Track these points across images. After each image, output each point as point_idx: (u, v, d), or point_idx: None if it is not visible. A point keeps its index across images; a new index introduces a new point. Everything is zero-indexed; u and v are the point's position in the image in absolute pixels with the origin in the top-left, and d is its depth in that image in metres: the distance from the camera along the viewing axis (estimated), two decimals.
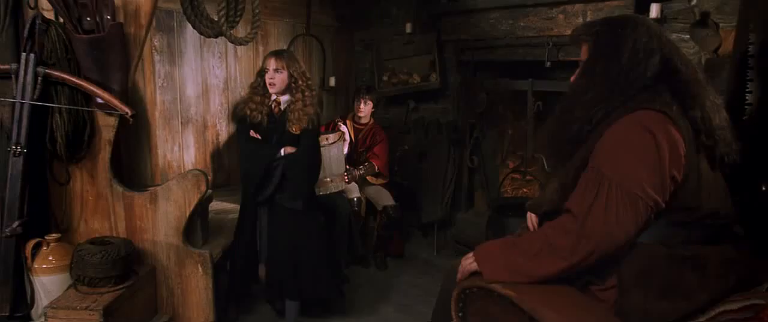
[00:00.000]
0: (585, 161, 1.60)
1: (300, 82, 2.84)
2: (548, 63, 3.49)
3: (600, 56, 1.65)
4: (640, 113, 1.54)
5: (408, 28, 4.36)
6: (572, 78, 1.78)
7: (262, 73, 2.87)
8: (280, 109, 2.90)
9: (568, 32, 3.23)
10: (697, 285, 1.50)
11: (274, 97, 2.89)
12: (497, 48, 3.88)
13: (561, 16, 3.42)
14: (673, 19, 3.00)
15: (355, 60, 4.94)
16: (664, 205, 1.50)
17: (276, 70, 2.79)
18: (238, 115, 3.04)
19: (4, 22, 2.36)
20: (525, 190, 4.37)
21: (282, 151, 2.84)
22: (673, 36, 2.90)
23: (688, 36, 2.90)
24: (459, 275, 1.79)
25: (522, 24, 3.62)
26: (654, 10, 2.94)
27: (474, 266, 1.74)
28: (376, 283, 3.76)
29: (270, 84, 2.81)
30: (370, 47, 4.73)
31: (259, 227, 2.95)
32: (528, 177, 4.13)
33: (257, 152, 2.88)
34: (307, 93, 2.85)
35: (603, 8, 3.19)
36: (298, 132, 2.85)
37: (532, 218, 2.01)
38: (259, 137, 2.89)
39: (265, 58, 2.88)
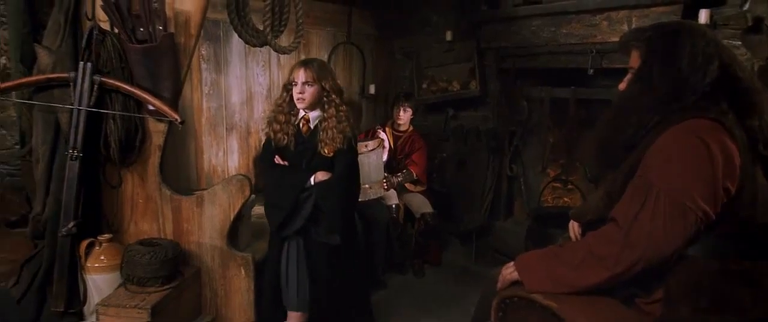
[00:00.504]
0: (634, 169, 1.57)
1: (333, 96, 2.49)
2: (591, 70, 3.43)
3: (656, 61, 1.60)
4: (693, 121, 1.50)
5: (448, 36, 4.36)
6: (622, 85, 1.74)
7: (288, 86, 2.52)
8: (309, 127, 2.55)
9: (613, 39, 3.20)
10: (750, 301, 1.45)
11: (302, 113, 2.55)
12: (539, 55, 3.84)
13: (605, 23, 3.36)
14: (723, 25, 2.90)
15: (395, 68, 4.97)
16: (715, 217, 1.46)
17: (306, 83, 2.44)
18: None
19: (64, 32, 2.49)
20: (566, 199, 4.29)
21: (312, 179, 2.48)
22: (724, 43, 2.81)
23: (740, 43, 2.80)
24: (499, 284, 1.78)
25: (564, 31, 3.58)
26: (703, 16, 2.86)
27: (515, 275, 1.72)
28: (414, 290, 3.76)
29: (299, 99, 2.46)
30: (409, 55, 4.76)
31: (285, 265, 2.59)
32: (569, 186, 4.06)
33: (283, 181, 2.51)
34: (341, 108, 2.50)
35: (649, 14, 3.12)
36: (331, 154, 2.48)
37: (574, 227, 1.98)
38: (286, 163, 2.55)
39: (292, 70, 2.51)
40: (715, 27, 2.89)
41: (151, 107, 2.48)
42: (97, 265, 2.49)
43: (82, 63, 2.39)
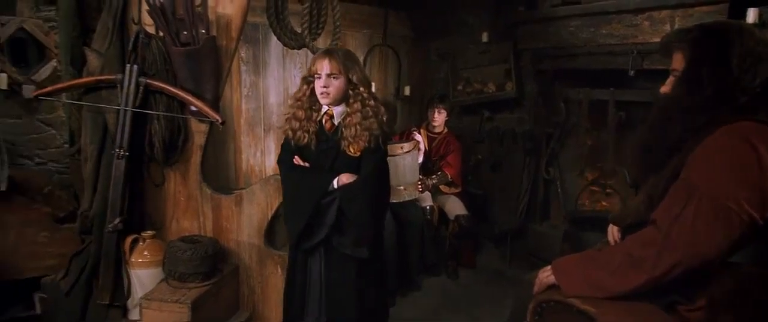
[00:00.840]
0: (677, 172, 1.53)
1: (360, 89, 2.18)
2: (632, 72, 3.35)
3: (705, 62, 1.56)
4: (741, 124, 1.45)
5: (484, 37, 4.34)
6: (664, 87, 1.70)
7: (309, 79, 2.21)
8: (333, 124, 2.25)
9: (654, 40, 3.12)
10: None
11: (325, 108, 2.24)
12: (577, 56, 3.78)
13: (646, 23, 3.28)
14: None
15: (430, 70, 4.97)
16: (762, 222, 1.41)
17: (331, 76, 2.14)
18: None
19: (111, 36, 2.59)
20: (604, 203, 4.20)
21: (336, 182, 2.18)
22: None
23: None
24: (536, 288, 1.76)
25: (604, 31, 3.50)
26: (752, 15, 2.75)
27: (551, 279, 1.71)
28: (448, 292, 3.75)
29: (323, 93, 2.16)
30: (445, 57, 4.76)
31: (309, 279, 2.33)
32: (608, 190, 3.97)
33: (303, 184, 2.24)
34: (369, 102, 2.19)
35: (693, 14, 3.03)
36: (358, 153, 2.19)
37: (613, 231, 1.94)
38: (306, 165, 2.26)
39: (314, 60, 2.20)
40: (763, 26, 2.79)
41: (193, 108, 2.56)
42: (140, 260, 2.59)
43: (128, 65, 2.48)
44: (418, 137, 3.88)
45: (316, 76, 2.17)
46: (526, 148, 4.24)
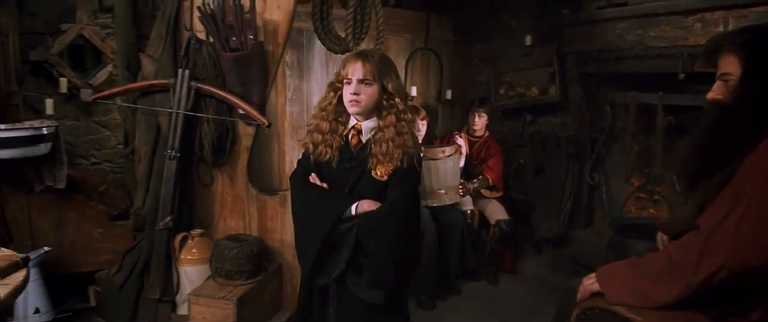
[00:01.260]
0: (728, 179, 1.49)
1: (395, 100, 1.86)
2: (682, 75, 3.25)
3: (764, 66, 1.51)
4: None
5: (527, 40, 4.29)
6: (713, 93, 1.64)
7: (337, 85, 1.90)
8: (360, 140, 1.92)
9: None
10: None
11: (353, 121, 1.92)
12: (624, 59, 3.69)
13: (698, 25, 3.17)
14: None
15: (472, 73, 4.95)
16: None
17: (363, 82, 1.83)
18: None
19: (165, 42, 2.71)
20: (651, 210, 4.08)
21: (353, 208, 1.84)
22: None
23: None
24: (580, 295, 1.74)
25: (652, 34, 3.41)
26: None
27: (596, 286, 1.68)
28: (488, 297, 3.72)
29: (352, 101, 1.84)
30: (487, 60, 4.73)
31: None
32: (655, 197, 3.86)
33: (316, 207, 1.90)
34: (404, 116, 1.87)
35: (748, 15, 2.92)
36: (385, 177, 1.85)
37: (662, 239, 1.89)
38: (324, 186, 1.93)
39: (344, 63, 1.89)
40: None
41: (241, 111, 2.64)
42: (189, 257, 2.68)
43: (180, 70, 2.59)
44: (460, 141, 3.86)
45: (345, 81, 1.85)
46: (569, 153, 4.17)
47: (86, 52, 3.75)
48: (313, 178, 1.94)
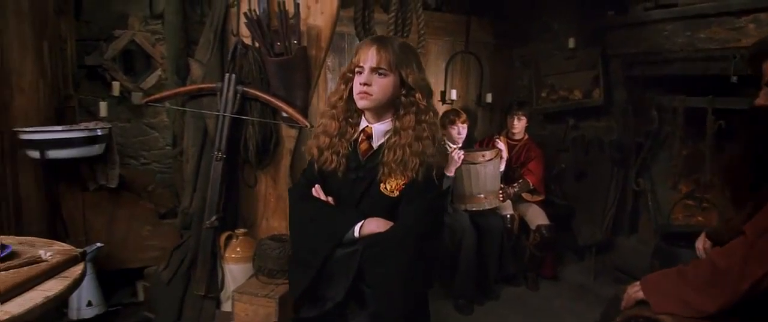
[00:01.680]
0: None
1: (416, 96, 1.55)
2: (734, 78, 3.14)
3: None
4: None
5: (570, 43, 4.23)
6: (761, 100, 1.58)
7: (347, 76, 1.60)
8: (370, 145, 1.61)
9: None
10: None
11: (363, 123, 1.62)
12: (671, 62, 3.58)
13: (751, 26, 3.06)
14: None
15: (513, 76, 4.90)
16: None
17: (376, 71, 1.52)
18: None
19: (212, 47, 2.80)
20: (699, 218, 3.94)
21: (356, 230, 1.54)
22: None
23: None
24: (624, 303, 1.71)
25: (702, 35, 3.31)
26: None
27: (640, 294, 1.65)
28: (527, 303, 3.67)
29: (361, 94, 1.53)
30: (528, 63, 4.68)
31: None
32: (704, 204, 3.73)
33: (315, 224, 1.60)
34: (426, 117, 1.55)
35: None
36: (396, 193, 1.55)
37: (704, 246, 1.82)
38: (328, 200, 1.63)
39: (357, 50, 1.59)
40: None
41: (284, 114, 2.70)
42: (233, 256, 2.76)
43: (227, 74, 2.67)
44: (501, 145, 3.82)
45: (356, 69, 1.54)
46: (613, 158, 4.08)
47: (137, 57, 3.91)
48: (317, 190, 1.63)
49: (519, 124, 4.01)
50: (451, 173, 3.44)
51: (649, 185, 3.95)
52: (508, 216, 3.80)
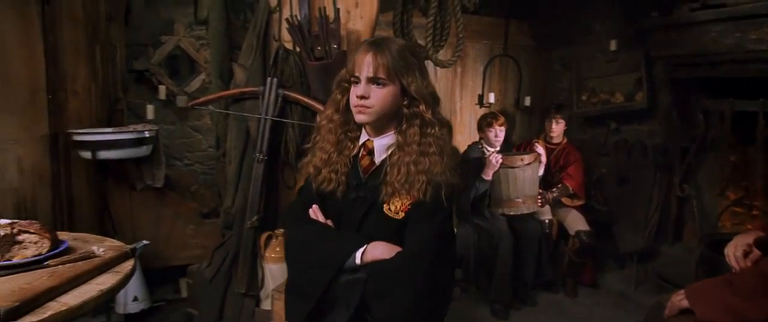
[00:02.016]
0: None
1: (420, 107, 1.38)
2: None
3: None
4: None
5: (612, 45, 4.14)
6: None
7: (343, 84, 1.44)
8: (372, 162, 1.45)
9: None
10: None
11: (364, 137, 1.46)
12: (719, 64, 3.47)
13: None
14: None
15: (552, 79, 4.84)
16: None
17: (374, 81, 1.35)
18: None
19: (255, 52, 2.87)
20: (749, 226, 3.79)
21: (359, 255, 1.37)
22: None
23: None
24: (668, 311, 1.68)
25: (753, 37, 3.19)
26: None
27: (685, 303, 1.62)
28: (565, 311, 3.61)
29: (358, 107, 1.37)
30: (568, 66, 4.61)
31: None
32: (754, 212, 3.59)
33: (313, 251, 1.43)
34: (432, 130, 1.39)
35: None
36: (401, 215, 1.38)
37: (735, 252, 1.74)
38: (327, 222, 1.47)
39: (353, 57, 1.41)
40: None
41: None
42: (273, 255, 2.82)
43: (269, 78, 2.73)
44: (540, 150, 3.76)
45: (352, 79, 1.38)
46: (657, 163, 3.97)
47: (182, 62, 4.04)
48: (315, 211, 1.48)
49: (557, 128, 3.95)
50: (488, 176, 3.44)
51: (694, 191, 3.83)
52: (547, 221, 3.75)
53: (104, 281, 1.39)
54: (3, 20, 2.67)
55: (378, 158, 1.43)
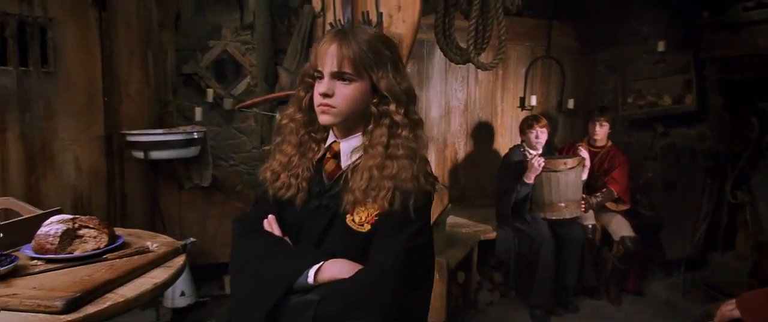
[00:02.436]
0: None
1: (391, 106, 1.19)
2: None
3: None
4: None
5: (660, 46, 4.03)
6: None
7: (306, 80, 1.25)
8: (338, 166, 1.25)
9: None
10: None
11: (331, 138, 1.27)
12: None
13: None
14: None
15: (596, 81, 4.74)
16: None
17: (338, 75, 1.16)
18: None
19: (300, 56, 2.94)
20: None
21: (311, 275, 1.15)
22: None
23: None
24: (716, 321, 1.63)
25: None
26: None
27: (736, 313, 1.57)
28: (608, 318, 3.54)
29: (322, 106, 1.18)
30: (613, 68, 4.51)
31: None
32: None
33: (262, 267, 1.21)
34: (402, 132, 1.19)
35: None
36: (367, 227, 1.17)
37: None
38: (283, 237, 1.26)
39: (315, 48, 1.23)
40: None
41: None
42: None
43: None
44: (584, 154, 3.69)
45: (315, 74, 1.19)
46: (707, 168, 3.83)
47: (228, 66, 4.16)
48: (270, 222, 1.27)
49: (601, 131, 3.87)
50: (530, 180, 3.41)
51: (747, 197, 3.68)
52: (590, 226, 3.68)
53: (158, 275, 1.45)
54: (64, 27, 2.83)
55: (345, 163, 1.23)
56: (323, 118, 1.19)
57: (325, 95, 1.16)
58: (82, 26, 2.91)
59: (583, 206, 3.59)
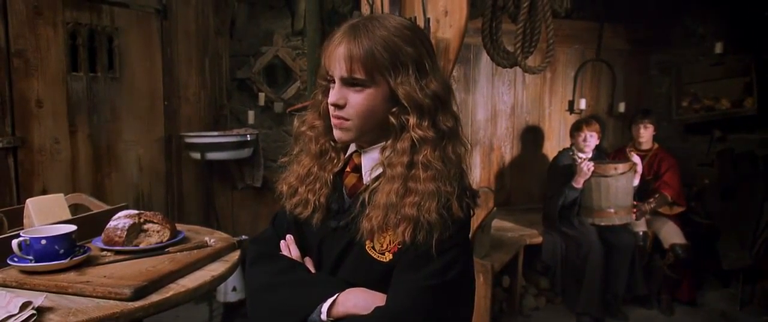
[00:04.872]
0: None
1: (412, 120, 0.97)
2: None
3: None
4: None
5: (717, 48, 3.89)
6: None
7: (323, 84, 1.06)
8: (359, 180, 1.07)
9: None
10: None
11: (352, 147, 1.09)
12: None
13: None
14: None
15: (649, 84, 4.61)
16: None
17: (348, 81, 0.97)
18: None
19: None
20: None
21: (325, 309, 0.99)
22: None
23: None
24: None
25: None
26: None
27: None
28: None
29: (336, 120, 1.00)
30: (667, 70, 4.38)
31: None
32: None
33: (273, 296, 1.06)
34: (428, 150, 0.98)
35: None
36: (390, 256, 0.99)
37: None
38: (302, 259, 1.12)
39: (325, 47, 1.00)
40: None
41: None
42: None
43: None
44: (637, 159, 3.56)
45: (327, 80, 1.02)
46: None
47: (279, 70, 4.29)
48: (288, 243, 1.13)
49: (646, 133, 3.76)
50: (579, 185, 3.36)
51: None
52: (641, 233, 3.58)
53: (215, 268, 1.54)
54: (129, 36, 3.01)
55: (367, 177, 1.04)
56: (337, 135, 1.02)
57: (336, 106, 0.98)
58: (146, 35, 3.09)
59: (634, 212, 3.50)
